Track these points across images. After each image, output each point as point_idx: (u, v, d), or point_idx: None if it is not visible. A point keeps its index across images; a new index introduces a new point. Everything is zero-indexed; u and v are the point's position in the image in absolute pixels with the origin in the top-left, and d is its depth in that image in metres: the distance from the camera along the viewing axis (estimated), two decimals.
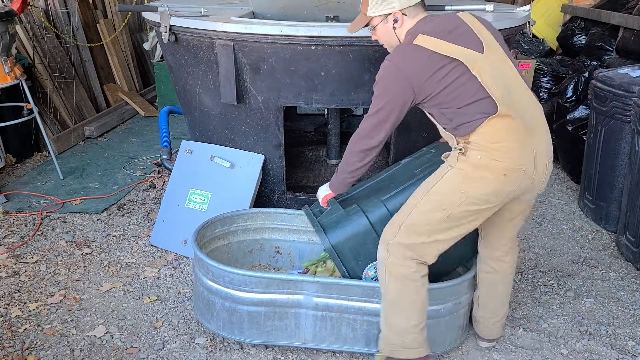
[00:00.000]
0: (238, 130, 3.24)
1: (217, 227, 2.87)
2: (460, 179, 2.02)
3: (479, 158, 1.99)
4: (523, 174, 2.01)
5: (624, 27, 4.44)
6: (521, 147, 2.00)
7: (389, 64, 2.05)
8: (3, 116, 4.34)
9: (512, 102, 2.00)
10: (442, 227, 2.08)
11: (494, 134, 1.98)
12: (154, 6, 3.13)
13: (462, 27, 2.08)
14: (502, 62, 2.06)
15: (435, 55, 1.99)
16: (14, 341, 2.57)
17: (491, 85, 1.98)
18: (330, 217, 2.44)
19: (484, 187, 2.00)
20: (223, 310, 2.46)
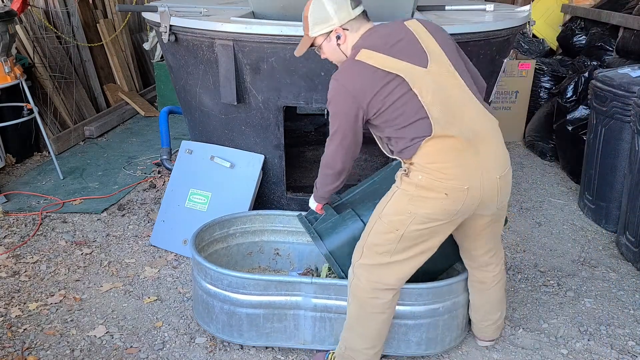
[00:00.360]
0: (238, 130, 3.24)
1: (215, 230, 2.87)
2: (406, 200, 2.03)
3: (420, 179, 1.99)
4: (466, 192, 1.98)
5: (624, 27, 4.44)
6: (461, 166, 1.97)
7: (335, 83, 2.04)
8: (3, 116, 4.34)
9: (453, 119, 1.98)
10: (399, 247, 2.08)
11: (432, 155, 1.98)
12: (154, 6, 3.13)
13: (406, 38, 2.04)
14: (447, 75, 2.02)
15: (379, 72, 1.97)
16: (14, 341, 2.57)
17: (430, 105, 1.96)
18: (326, 224, 2.45)
19: (429, 207, 2.00)
20: (222, 313, 2.46)
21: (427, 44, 2.03)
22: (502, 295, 2.46)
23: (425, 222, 2.03)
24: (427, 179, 1.98)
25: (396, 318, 2.36)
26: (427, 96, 1.96)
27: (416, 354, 2.45)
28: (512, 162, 5.07)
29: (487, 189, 2.02)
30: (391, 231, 2.07)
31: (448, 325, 2.43)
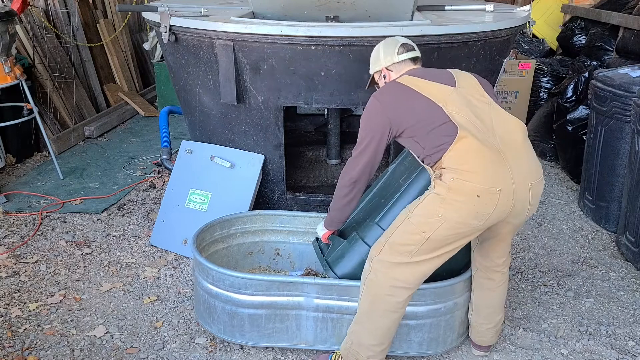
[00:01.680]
0: (238, 130, 3.24)
1: (216, 231, 2.87)
2: (437, 203, 2.05)
3: (452, 180, 2.02)
4: (499, 194, 2.00)
5: (624, 27, 4.44)
6: (491, 167, 2.01)
7: (373, 100, 2.22)
8: (3, 116, 4.34)
9: (482, 126, 2.08)
10: (422, 249, 2.10)
11: (462, 156, 2.02)
12: (154, 6, 3.13)
13: (444, 73, 2.25)
14: (476, 93, 2.19)
15: (410, 90, 2.16)
16: (14, 341, 2.57)
17: (455, 113, 2.07)
18: (335, 252, 2.49)
19: (461, 210, 2.02)
20: (224, 313, 2.46)
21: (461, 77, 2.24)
22: (504, 297, 2.47)
23: (454, 228, 2.05)
24: (458, 180, 2.01)
25: None
26: (452, 107, 2.09)
27: (418, 354, 2.45)
28: None
29: (520, 195, 2.05)
30: (417, 232, 2.08)
31: (450, 326, 2.43)
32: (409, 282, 2.16)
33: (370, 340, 2.23)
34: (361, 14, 3.29)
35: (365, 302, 2.22)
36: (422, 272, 2.16)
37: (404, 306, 2.21)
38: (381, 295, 2.17)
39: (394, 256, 2.14)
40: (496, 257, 2.36)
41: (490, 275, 2.39)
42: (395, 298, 2.17)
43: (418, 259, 2.12)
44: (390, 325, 2.22)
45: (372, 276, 2.19)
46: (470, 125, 2.06)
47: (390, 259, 2.15)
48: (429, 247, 2.09)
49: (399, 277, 2.14)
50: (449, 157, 2.04)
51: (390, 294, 2.16)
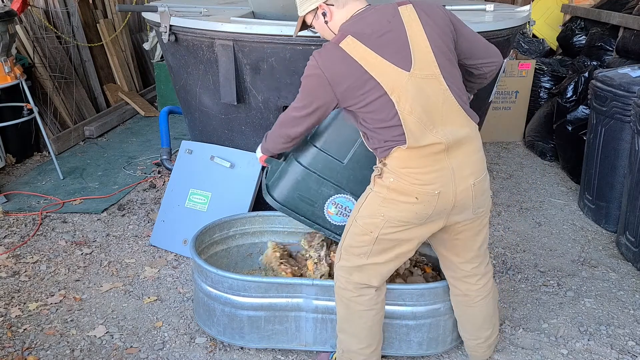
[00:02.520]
0: (238, 130, 3.24)
1: (215, 232, 2.87)
2: (378, 202, 2.02)
3: (391, 181, 1.98)
4: (437, 197, 1.96)
5: (624, 27, 4.44)
6: (434, 171, 1.95)
7: (314, 62, 1.95)
8: (3, 116, 4.34)
9: (432, 126, 1.92)
10: (375, 249, 2.08)
11: (404, 160, 1.95)
12: (154, 6, 3.13)
13: (395, 31, 1.93)
14: (431, 79, 1.92)
15: (359, 68, 1.90)
16: (14, 341, 2.57)
17: (408, 113, 1.89)
18: (274, 176, 2.43)
19: (401, 210, 1.99)
20: (223, 315, 2.46)
21: (415, 39, 1.92)
22: (491, 311, 2.35)
23: (398, 226, 2.02)
24: (398, 182, 1.97)
25: (397, 318, 2.37)
26: (405, 104, 1.89)
27: (417, 354, 2.45)
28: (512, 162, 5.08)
29: (461, 195, 1.99)
30: (366, 233, 2.07)
31: (449, 325, 2.43)
32: (371, 282, 2.15)
33: (358, 344, 2.22)
34: None
35: (341, 309, 2.23)
36: (381, 273, 2.15)
37: (377, 302, 2.19)
38: (351, 298, 2.17)
39: (351, 260, 2.13)
40: (459, 265, 2.23)
41: (462, 288, 2.28)
42: (364, 297, 2.16)
43: (374, 260, 2.10)
44: (371, 324, 2.20)
45: (338, 284, 2.20)
46: (418, 130, 1.91)
47: (348, 264, 2.14)
48: (381, 248, 2.08)
49: (359, 280, 2.14)
50: (392, 158, 1.97)
51: (358, 294, 2.16)
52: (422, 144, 1.92)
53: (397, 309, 2.35)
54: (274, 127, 2.25)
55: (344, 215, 2.40)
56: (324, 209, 2.41)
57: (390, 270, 2.16)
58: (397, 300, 2.35)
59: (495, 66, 2.21)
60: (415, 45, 1.92)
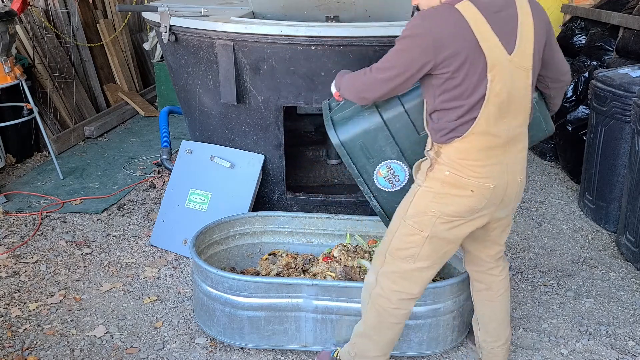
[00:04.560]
0: (238, 130, 3.24)
1: (215, 233, 2.87)
2: (429, 197, 1.96)
3: (446, 175, 1.92)
4: (491, 190, 1.92)
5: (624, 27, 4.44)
6: (492, 164, 1.91)
7: (420, 21, 1.82)
8: (3, 116, 4.34)
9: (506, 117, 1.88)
10: (423, 251, 2.01)
11: (466, 151, 1.89)
12: (154, 6, 3.13)
13: (508, 11, 1.85)
14: (522, 72, 1.88)
15: (470, 34, 1.78)
16: (14, 341, 2.57)
17: (494, 96, 1.82)
18: (343, 112, 2.30)
19: (454, 204, 1.93)
20: (223, 316, 2.46)
21: (523, 29, 1.86)
22: (508, 307, 2.36)
23: (449, 222, 1.96)
24: (454, 175, 1.91)
25: None
26: (497, 85, 1.82)
27: (417, 354, 2.45)
28: None
29: (510, 190, 1.97)
30: (416, 233, 1.99)
31: (449, 325, 2.43)
32: (415, 293, 2.10)
33: (376, 352, 2.19)
34: (361, 14, 3.29)
35: (372, 315, 2.15)
36: (425, 280, 2.09)
37: (408, 316, 2.17)
38: (389, 309, 2.10)
39: (397, 264, 2.06)
40: (487, 256, 2.25)
41: (486, 281, 2.30)
42: (402, 310, 2.12)
43: (420, 264, 2.03)
44: (395, 336, 2.19)
45: (378, 290, 2.11)
46: (494, 118, 1.85)
47: (393, 269, 2.07)
48: (429, 249, 2.01)
49: (404, 289, 2.08)
50: (453, 147, 1.90)
51: (397, 307, 2.10)
52: (490, 132, 1.86)
53: None
54: (351, 81, 2.07)
55: (389, 182, 2.29)
56: (376, 167, 2.28)
57: (431, 276, 2.09)
58: None
59: (561, 85, 2.14)
60: (522, 33, 1.86)
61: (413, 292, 2.10)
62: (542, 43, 1.95)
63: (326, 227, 2.98)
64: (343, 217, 2.97)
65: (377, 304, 2.12)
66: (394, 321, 2.14)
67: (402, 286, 2.08)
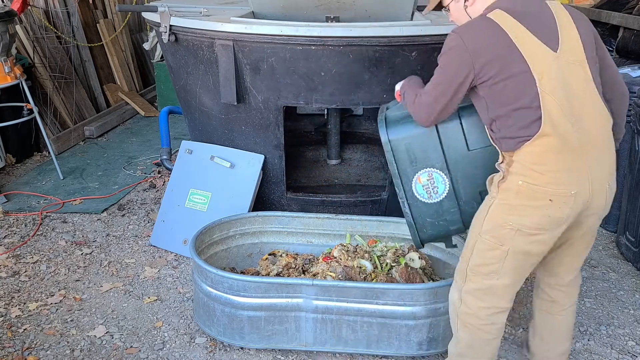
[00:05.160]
0: (238, 130, 3.24)
1: (215, 233, 2.87)
2: (505, 210, 1.86)
3: (520, 184, 1.81)
4: (573, 198, 1.79)
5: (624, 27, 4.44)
6: (570, 169, 1.79)
7: (454, 37, 1.86)
8: (3, 116, 4.34)
9: (570, 115, 1.78)
10: (506, 265, 1.90)
11: (539, 155, 1.79)
12: (154, 6, 3.13)
13: (544, 14, 1.87)
14: (576, 65, 1.82)
15: (506, 38, 1.79)
16: (14, 341, 2.57)
17: (548, 94, 1.76)
18: (398, 113, 2.27)
19: (532, 216, 1.82)
20: (223, 316, 2.46)
21: (564, 26, 1.85)
22: (572, 324, 2.23)
23: (530, 234, 1.85)
24: (528, 184, 1.80)
25: (397, 318, 2.37)
26: (547, 83, 1.77)
27: (418, 354, 2.45)
28: None
29: (596, 196, 1.84)
30: (495, 247, 1.90)
31: (449, 325, 2.42)
32: (505, 306, 2.00)
33: None
34: (361, 14, 3.29)
35: (464, 335, 2.05)
36: (513, 292, 1.99)
37: (503, 328, 2.05)
38: (480, 326, 2.01)
39: (481, 281, 1.96)
40: (563, 273, 2.10)
41: (553, 295, 2.15)
42: (495, 325, 2.01)
43: (506, 280, 1.93)
44: (494, 350, 2.08)
45: (465, 309, 2.02)
46: (558, 116, 1.76)
47: (478, 286, 1.97)
48: (512, 263, 1.90)
49: (494, 304, 1.98)
50: (522, 153, 1.80)
51: (490, 322, 2.00)
52: (559, 131, 1.77)
53: (397, 309, 2.35)
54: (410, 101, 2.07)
55: (427, 191, 2.22)
56: (417, 173, 2.22)
57: (518, 288, 2.00)
58: (397, 300, 2.35)
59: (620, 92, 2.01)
60: (563, 30, 1.84)
61: (504, 306, 2.00)
62: (590, 37, 1.89)
63: (326, 227, 2.98)
64: (343, 217, 2.97)
65: (468, 322, 2.03)
66: (488, 337, 2.04)
67: (489, 302, 1.98)
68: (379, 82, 2.92)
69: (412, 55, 2.85)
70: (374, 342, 2.42)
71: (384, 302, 2.35)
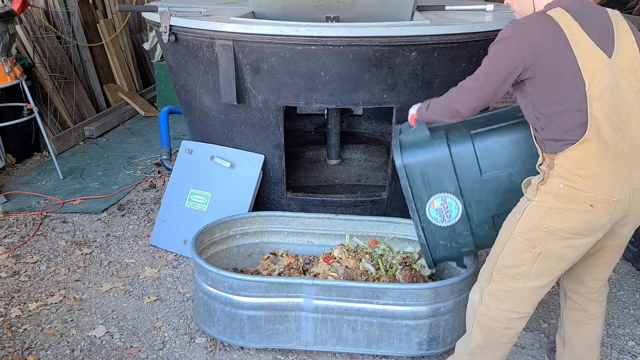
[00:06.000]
0: (238, 130, 3.24)
1: (215, 233, 2.87)
2: (542, 212, 1.83)
3: (561, 187, 1.78)
4: (614, 205, 1.77)
5: None
6: (612, 176, 1.76)
7: (510, 27, 1.84)
8: (3, 116, 4.34)
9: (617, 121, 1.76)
10: (535, 268, 1.89)
11: (582, 160, 1.76)
12: (154, 6, 3.13)
13: (604, 19, 1.86)
14: (629, 73, 1.80)
15: (562, 36, 1.76)
16: (14, 341, 2.57)
17: (596, 99, 1.74)
18: (413, 137, 2.30)
19: (570, 220, 1.80)
20: (223, 315, 2.46)
21: (621, 32, 1.85)
22: (601, 332, 2.21)
23: (566, 238, 1.82)
24: (569, 188, 1.77)
25: (397, 318, 2.37)
26: (596, 88, 1.74)
27: (417, 354, 2.45)
28: None
29: (635, 205, 1.82)
30: (527, 250, 1.87)
31: (450, 325, 2.43)
32: (527, 311, 1.98)
33: None
34: (361, 14, 3.29)
35: (478, 336, 2.05)
36: (537, 298, 1.97)
37: (518, 335, 2.04)
38: (497, 329, 2.00)
39: (506, 282, 1.94)
40: (591, 281, 2.08)
41: (584, 304, 2.13)
42: (512, 330, 2.01)
43: (531, 283, 1.91)
44: (504, 356, 2.09)
45: (484, 309, 2.00)
46: (604, 123, 1.74)
47: (502, 288, 1.95)
48: (541, 267, 1.88)
49: (515, 309, 1.96)
50: (566, 156, 1.77)
51: (507, 326, 1.99)
52: (604, 138, 1.74)
53: (398, 309, 2.35)
54: (443, 100, 2.05)
55: (440, 215, 2.25)
56: (431, 197, 2.24)
57: (544, 294, 1.97)
58: (398, 300, 2.35)
59: None
60: (620, 37, 1.83)
61: (525, 311, 1.98)
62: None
63: (326, 227, 2.98)
64: (343, 217, 2.97)
65: (484, 323, 2.02)
66: (503, 341, 2.03)
67: (511, 305, 1.96)
68: (379, 82, 2.92)
69: (412, 55, 2.85)
70: (374, 342, 2.42)
71: (385, 302, 2.35)
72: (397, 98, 2.96)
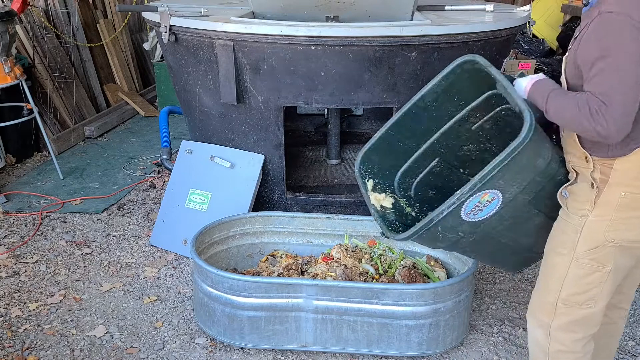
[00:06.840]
0: (238, 130, 3.24)
1: (215, 233, 2.87)
2: (604, 227, 1.69)
3: (622, 196, 1.65)
4: None
5: None
6: None
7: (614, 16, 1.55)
8: (3, 116, 4.34)
9: None
10: (606, 288, 1.76)
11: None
12: (154, 6, 3.13)
13: None
14: None
15: None
16: (14, 341, 2.57)
17: None
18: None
19: (638, 227, 1.69)
20: (223, 316, 2.46)
21: None
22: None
23: (635, 247, 1.73)
24: (633, 194, 1.65)
25: (397, 318, 2.37)
26: None
27: (417, 354, 2.45)
28: None
29: None
30: (596, 270, 1.74)
31: (449, 325, 2.43)
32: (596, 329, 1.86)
33: None
34: (361, 14, 3.29)
35: None
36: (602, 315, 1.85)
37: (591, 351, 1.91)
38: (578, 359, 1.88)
39: (576, 312, 1.80)
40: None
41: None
42: (590, 353, 1.89)
43: (602, 304, 1.79)
44: None
45: (558, 347, 1.86)
46: None
47: (572, 319, 1.81)
48: (613, 284, 1.77)
49: (588, 333, 1.84)
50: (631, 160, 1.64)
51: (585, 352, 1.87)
52: None
53: (397, 309, 2.36)
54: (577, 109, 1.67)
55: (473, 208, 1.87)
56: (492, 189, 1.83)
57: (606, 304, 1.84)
58: (397, 300, 2.35)
59: None
60: None
61: (594, 332, 1.87)
62: None
63: (326, 227, 2.98)
64: (343, 217, 2.97)
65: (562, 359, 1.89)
66: None
67: (583, 332, 1.84)
68: (379, 82, 2.92)
69: (412, 55, 2.85)
70: (374, 342, 2.42)
71: (384, 302, 2.35)
72: (397, 98, 2.96)
